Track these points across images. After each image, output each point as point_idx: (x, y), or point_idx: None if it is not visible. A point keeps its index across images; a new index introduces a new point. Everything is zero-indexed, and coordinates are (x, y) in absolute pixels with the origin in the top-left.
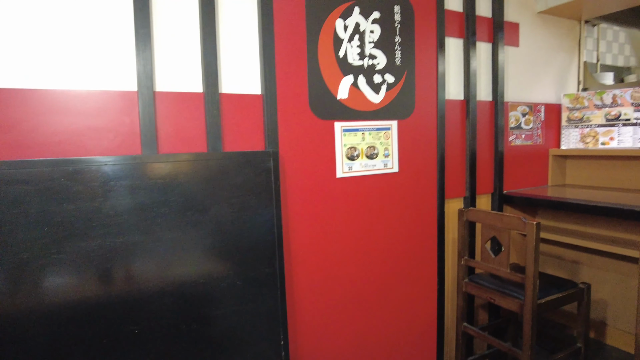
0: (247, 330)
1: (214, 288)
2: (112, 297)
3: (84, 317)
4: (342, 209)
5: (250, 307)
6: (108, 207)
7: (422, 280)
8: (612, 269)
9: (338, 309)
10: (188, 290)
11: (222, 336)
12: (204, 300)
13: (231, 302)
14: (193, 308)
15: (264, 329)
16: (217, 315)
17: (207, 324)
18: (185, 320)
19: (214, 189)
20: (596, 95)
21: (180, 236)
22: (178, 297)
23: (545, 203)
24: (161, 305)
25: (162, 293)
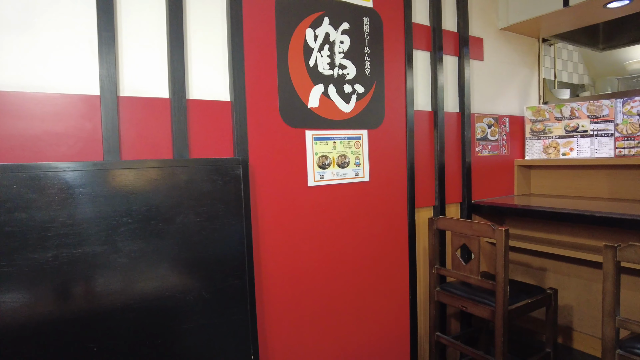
0: (216, 345)
1: (180, 301)
2: (68, 313)
3: (36, 334)
4: (313, 218)
5: (218, 321)
6: (65, 216)
7: (395, 289)
8: (577, 274)
9: (310, 321)
10: (152, 304)
11: (189, 352)
12: (169, 315)
13: (198, 316)
14: (157, 323)
15: (234, 344)
16: (184, 330)
17: (173, 340)
18: (149, 336)
19: (180, 198)
20: (556, 107)
21: (144, 247)
22: (141, 312)
23: (513, 211)
24: (123, 321)
25: (123, 307)
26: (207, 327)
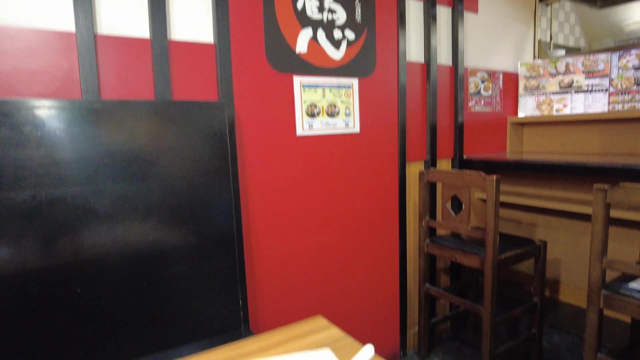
0: (204, 291)
1: (165, 246)
2: (50, 254)
3: (16, 275)
4: (302, 169)
5: (205, 266)
6: (42, 155)
7: (384, 242)
8: (566, 228)
9: (299, 271)
10: (136, 247)
11: (176, 297)
12: (154, 258)
13: (184, 261)
14: (142, 266)
15: (222, 290)
16: (170, 275)
17: (159, 284)
18: (134, 279)
19: (163, 141)
20: (550, 63)
21: (126, 189)
22: (125, 255)
23: (504, 165)
24: (106, 263)
25: (107, 250)
26: (193, 273)
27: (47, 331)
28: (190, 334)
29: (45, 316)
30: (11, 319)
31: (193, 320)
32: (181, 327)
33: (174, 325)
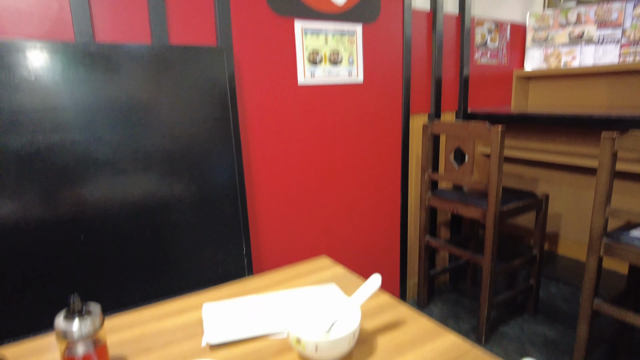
0: (207, 238)
1: (167, 194)
2: (50, 198)
3: (17, 222)
4: (304, 119)
5: (208, 214)
6: (37, 100)
7: (386, 195)
8: (569, 183)
9: (301, 222)
10: (138, 194)
11: (179, 244)
12: (156, 206)
13: (187, 209)
14: (145, 214)
15: (225, 237)
16: (172, 223)
17: (162, 231)
18: (137, 226)
19: (161, 87)
20: (561, 13)
21: (125, 136)
22: (127, 202)
23: (508, 119)
24: (108, 210)
25: (108, 197)
26: (196, 221)
27: (52, 277)
28: (194, 281)
29: (51, 262)
30: (15, 265)
31: (197, 267)
32: (185, 274)
33: (178, 272)
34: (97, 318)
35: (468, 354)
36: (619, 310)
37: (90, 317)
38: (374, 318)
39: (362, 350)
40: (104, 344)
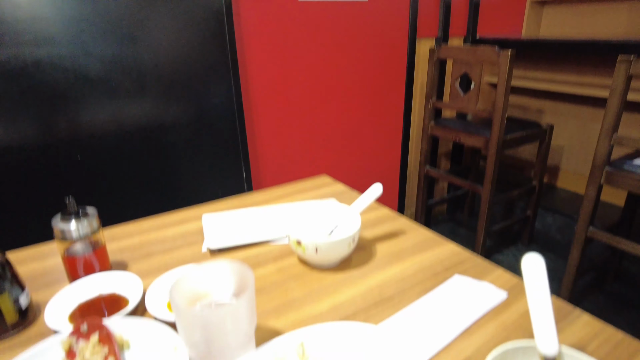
0: (205, 160)
1: (162, 114)
2: (41, 116)
3: (8, 143)
4: (305, 38)
5: (206, 135)
6: (20, 11)
7: (388, 123)
8: (575, 114)
9: (302, 143)
10: (133, 114)
11: (177, 166)
12: (152, 127)
13: (184, 129)
14: (141, 134)
15: (224, 159)
16: (170, 144)
17: (159, 153)
18: (134, 147)
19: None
20: None
21: (117, 52)
22: (123, 123)
23: (518, 45)
24: (103, 130)
25: (102, 117)
26: (194, 141)
27: (50, 197)
28: (194, 202)
29: (47, 182)
30: (10, 186)
31: (196, 189)
32: (185, 196)
33: (177, 193)
34: (94, 220)
35: (468, 261)
36: (612, 237)
37: (87, 219)
38: (374, 228)
39: (361, 256)
40: (103, 246)
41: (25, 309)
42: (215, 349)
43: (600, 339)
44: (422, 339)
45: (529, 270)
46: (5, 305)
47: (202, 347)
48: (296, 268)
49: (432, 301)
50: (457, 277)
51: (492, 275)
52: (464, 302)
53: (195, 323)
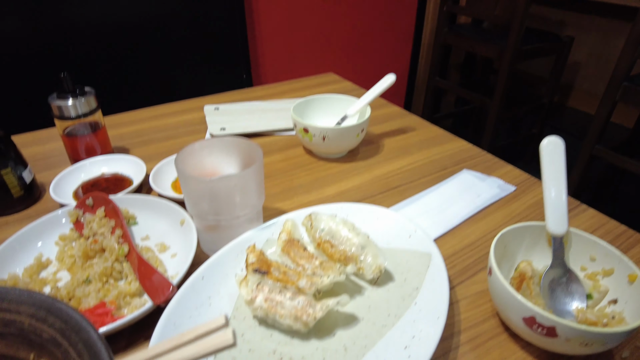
0: (204, 55)
1: (158, 6)
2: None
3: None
4: None
5: (205, 29)
6: None
7: (399, 28)
8: (598, 27)
9: (305, 44)
10: (130, 3)
11: (174, 62)
12: (147, 20)
13: (181, 23)
14: (136, 28)
15: (224, 55)
16: (166, 37)
17: (156, 47)
18: (128, 41)
19: None
20: None
21: None
22: (118, 13)
23: None
24: (99, 20)
25: (97, 5)
26: (192, 35)
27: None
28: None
29: (46, 69)
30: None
31: (194, 87)
32: (184, 91)
33: (174, 89)
34: (92, 99)
35: (477, 157)
36: (618, 156)
37: (84, 97)
38: (382, 124)
39: (368, 149)
40: (103, 128)
41: (29, 185)
42: (223, 220)
43: (603, 230)
44: (429, 222)
45: (548, 151)
46: (10, 180)
47: (211, 218)
48: (302, 158)
49: (439, 191)
50: (465, 171)
51: (501, 171)
52: (471, 192)
53: (204, 193)
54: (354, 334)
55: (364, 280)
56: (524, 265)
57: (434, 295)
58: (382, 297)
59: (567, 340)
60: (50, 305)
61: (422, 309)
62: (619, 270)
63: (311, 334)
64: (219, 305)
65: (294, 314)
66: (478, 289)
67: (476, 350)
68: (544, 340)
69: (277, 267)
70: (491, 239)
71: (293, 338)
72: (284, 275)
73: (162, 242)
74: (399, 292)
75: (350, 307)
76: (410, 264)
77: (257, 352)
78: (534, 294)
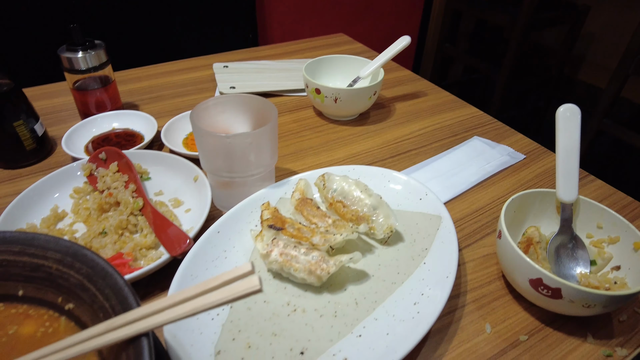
0: (208, 17)
1: None
2: None
3: None
4: None
5: None
6: None
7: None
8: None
9: (313, 11)
10: None
11: (177, 20)
12: None
13: None
14: None
15: (229, 14)
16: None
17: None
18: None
19: None
20: None
21: None
22: None
23: None
24: None
25: None
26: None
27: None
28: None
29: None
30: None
31: (198, 46)
32: (186, 52)
33: (177, 48)
34: (102, 52)
35: (488, 125)
36: (625, 130)
37: (94, 50)
38: (393, 88)
39: (379, 113)
40: (114, 83)
41: (41, 137)
42: (237, 178)
43: (609, 200)
44: (439, 187)
45: (564, 118)
46: (22, 132)
47: (225, 175)
48: (312, 120)
49: (450, 156)
50: (476, 138)
51: (511, 139)
52: (481, 159)
53: (219, 149)
54: (365, 289)
55: (375, 239)
56: (532, 230)
57: (443, 256)
58: (392, 256)
59: (571, 301)
60: (76, 252)
61: (430, 269)
62: (625, 238)
63: (323, 288)
64: (234, 259)
65: (308, 268)
66: (484, 253)
67: (481, 310)
68: (548, 301)
69: (292, 224)
70: (499, 205)
71: (306, 291)
72: (297, 232)
73: (175, 198)
74: (409, 252)
75: (360, 265)
76: (419, 226)
77: (272, 303)
78: (540, 258)
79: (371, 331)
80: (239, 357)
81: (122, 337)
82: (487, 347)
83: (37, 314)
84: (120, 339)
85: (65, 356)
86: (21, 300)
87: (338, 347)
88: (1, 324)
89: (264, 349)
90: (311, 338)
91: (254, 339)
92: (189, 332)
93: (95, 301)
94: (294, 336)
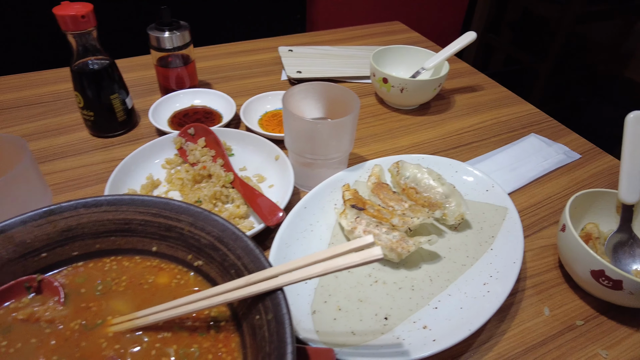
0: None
1: None
2: None
3: None
4: None
5: None
6: None
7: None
8: None
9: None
10: None
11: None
12: None
13: None
14: None
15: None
16: None
17: None
18: None
19: None
20: None
21: None
22: None
23: None
24: None
25: None
26: None
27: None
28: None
29: None
30: None
31: (248, 21)
32: (232, 33)
33: (224, 27)
34: (187, 33)
35: (544, 123)
36: None
37: (180, 31)
38: (452, 80)
39: (439, 104)
40: (193, 62)
41: (130, 110)
42: (319, 160)
43: None
44: (501, 180)
45: (632, 124)
46: (116, 105)
47: (308, 156)
48: (374, 107)
49: (509, 151)
50: (533, 135)
51: (567, 138)
52: (539, 156)
53: (306, 133)
54: (437, 268)
55: (445, 225)
56: (591, 226)
57: (509, 244)
58: (461, 241)
59: (631, 293)
60: (207, 217)
61: (497, 255)
62: None
63: (400, 265)
64: (319, 232)
65: (389, 246)
66: (542, 244)
67: (540, 295)
68: (608, 291)
69: (372, 205)
70: (555, 201)
71: (385, 266)
72: (378, 213)
73: (259, 174)
74: (476, 238)
75: (433, 247)
76: (486, 215)
77: (355, 273)
78: (599, 252)
79: (446, 305)
80: (331, 317)
81: (260, 290)
82: (545, 327)
83: (169, 268)
84: (258, 292)
85: (210, 304)
86: (154, 255)
87: (417, 315)
88: (141, 273)
89: (352, 312)
90: (393, 306)
91: (343, 303)
92: (288, 293)
93: (226, 259)
94: (377, 303)
